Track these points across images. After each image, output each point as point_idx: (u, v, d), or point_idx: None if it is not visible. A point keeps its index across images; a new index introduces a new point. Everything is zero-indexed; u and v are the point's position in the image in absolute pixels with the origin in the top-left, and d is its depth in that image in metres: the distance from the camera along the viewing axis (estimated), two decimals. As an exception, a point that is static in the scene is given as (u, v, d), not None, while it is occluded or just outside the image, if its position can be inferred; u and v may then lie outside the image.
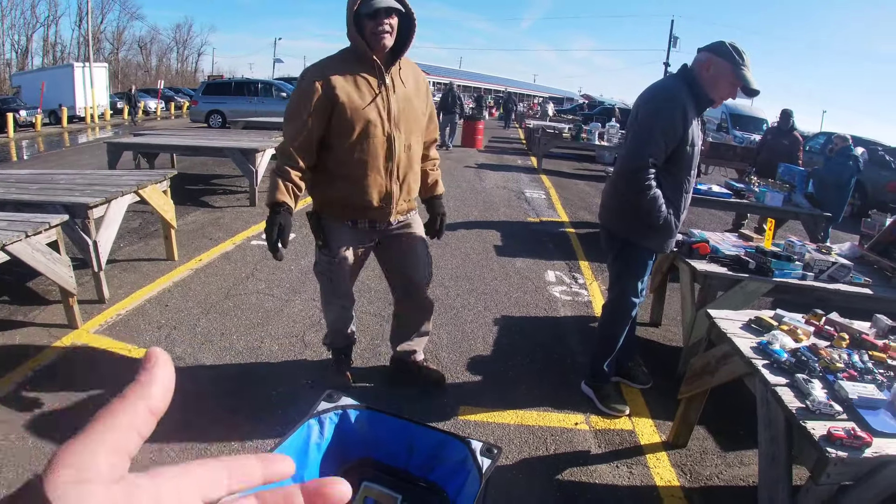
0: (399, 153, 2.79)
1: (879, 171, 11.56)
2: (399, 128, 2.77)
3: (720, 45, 2.87)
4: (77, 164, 10.83)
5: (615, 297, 3.35)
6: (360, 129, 2.69)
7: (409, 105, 2.81)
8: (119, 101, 26.38)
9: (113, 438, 0.33)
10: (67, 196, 4.06)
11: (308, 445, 1.63)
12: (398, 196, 2.88)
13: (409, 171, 2.89)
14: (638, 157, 2.87)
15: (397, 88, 2.76)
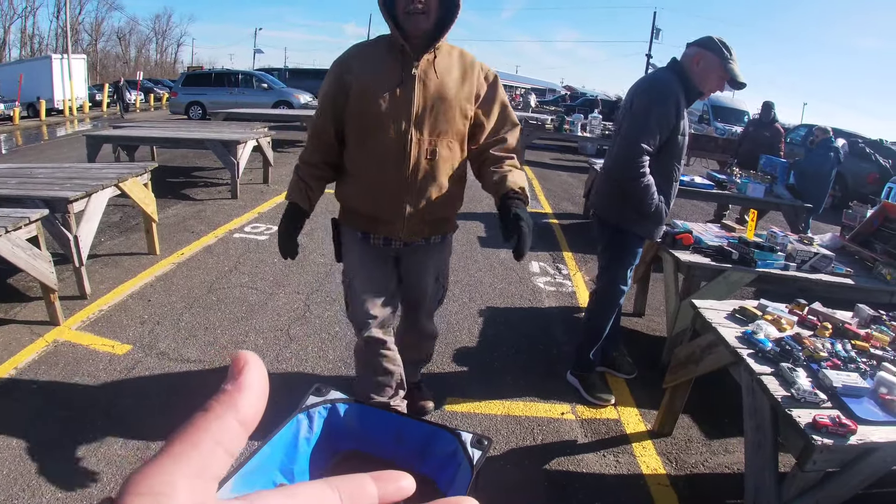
0: (415, 158, 2.25)
1: (859, 163, 11.68)
2: (421, 127, 2.23)
3: (709, 40, 2.98)
4: (56, 157, 10.68)
5: (604, 285, 3.38)
6: (371, 123, 2.26)
7: (441, 102, 2.23)
8: (98, 93, 26.03)
9: (195, 459, 0.28)
10: (47, 190, 4.00)
11: (297, 440, 1.62)
12: (412, 211, 2.32)
13: (431, 182, 2.30)
14: (634, 145, 2.93)
15: (429, 80, 2.23)
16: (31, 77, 21.36)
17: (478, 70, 2.33)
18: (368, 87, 2.23)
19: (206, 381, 3.26)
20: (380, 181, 2.31)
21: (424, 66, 2.22)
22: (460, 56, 2.33)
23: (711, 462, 3.00)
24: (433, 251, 2.58)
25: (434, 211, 2.37)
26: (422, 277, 2.62)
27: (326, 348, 3.74)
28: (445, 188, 2.35)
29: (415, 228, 2.38)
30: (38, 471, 2.54)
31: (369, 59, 2.27)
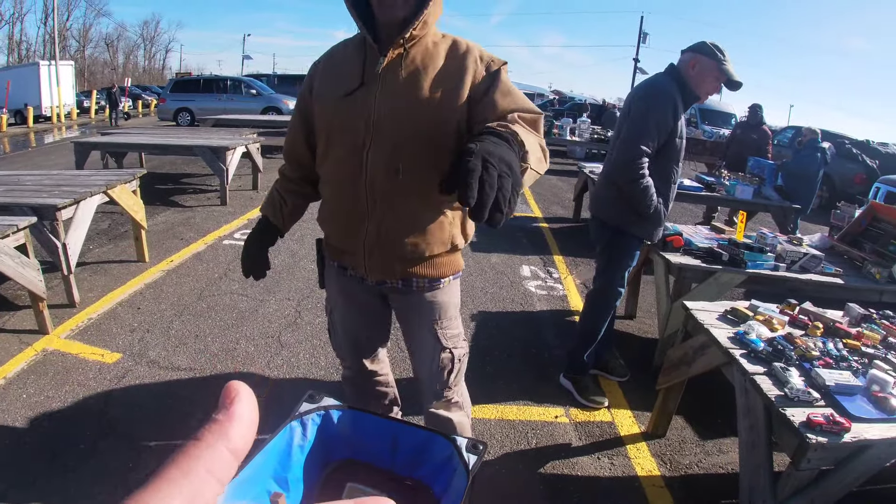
0: (372, 176, 1.75)
1: (846, 164, 11.76)
2: (382, 139, 1.73)
3: (702, 44, 3.06)
4: (44, 164, 10.61)
5: (601, 286, 3.42)
6: (329, 135, 1.85)
7: (409, 105, 1.71)
8: (86, 99, 25.88)
9: (188, 487, 0.29)
10: (35, 198, 3.97)
11: (291, 448, 1.60)
12: (374, 244, 1.83)
13: (396, 207, 1.79)
14: (633, 147, 2.98)
15: (395, 79, 1.72)
16: (19, 84, 21.23)
17: (473, 59, 1.74)
18: (326, 90, 1.85)
19: (196, 390, 3.24)
20: (338, 205, 1.90)
21: (391, 63, 1.73)
22: (451, 46, 1.78)
23: (706, 462, 3.00)
24: (421, 299, 1.98)
25: (403, 246, 1.83)
26: (412, 335, 2.10)
27: (318, 355, 3.73)
28: (419, 215, 1.81)
29: (382, 266, 1.89)
30: (27, 482, 2.52)
31: (335, 59, 1.89)
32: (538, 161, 1.41)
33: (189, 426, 2.90)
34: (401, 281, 1.92)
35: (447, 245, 1.89)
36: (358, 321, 2.15)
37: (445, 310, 2.01)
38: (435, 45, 1.77)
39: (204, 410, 3.05)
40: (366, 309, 2.10)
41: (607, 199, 3.26)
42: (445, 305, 2.01)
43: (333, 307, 2.18)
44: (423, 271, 1.91)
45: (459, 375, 2.11)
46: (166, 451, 2.09)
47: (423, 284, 1.94)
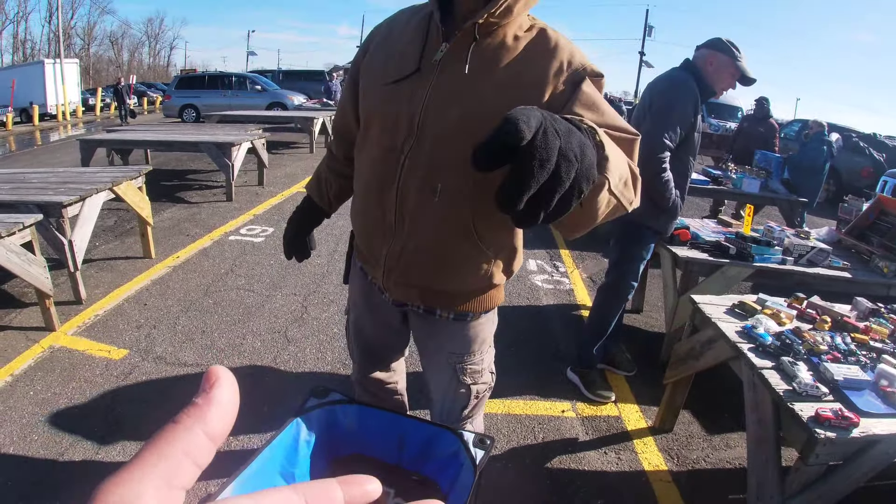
0: (405, 190, 1.44)
1: (853, 158, 11.70)
2: (424, 146, 1.39)
3: (718, 41, 3.11)
4: (50, 162, 10.64)
5: (614, 280, 3.44)
6: (367, 121, 1.54)
7: (460, 112, 1.33)
8: (91, 97, 25.92)
9: (164, 469, 0.29)
10: (41, 195, 3.97)
11: (297, 443, 1.60)
12: (392, 264, 1.55)
13: (424, 233, 1.47)
14: (657, 141, 2.99)
15: (454, 74, 1.35)
16: (24, 82, 21.26)
17: (560, 61, 1.33)
18: (375, 68, 1.52)
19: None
20: (365, 208, 1.61)
21: (454, 52, 1.36)
22: (536, 41, 1.37)
23: (713, 457, 2.99)
24: (444, 331, 1.70)
25: (422, 276, 1.56)
26: (429, 362, 1.82)
27: (325, 350, 3.73)
28: (451, 250, 1.49)
29: (400, 290, 1.63)
30: (34, 479, 2.52)
31: (395, 30, 1.53)
32: (623, 183, 1.00)
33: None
34: (422, 307, 1.66)
35: (481, 283, 1.59)
36: (374, 330, 1.91)
37: (470, 344, 1.72)
38: (517, 38, 1.37)
39: (211, 406, 3.05)
40: (384, 320, 1.84)
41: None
42: (472, 340, 1.72)
43: (352, 308, 1.95)
44: (449, 305, 1.63)
45: (477, 409, 1.87)
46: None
47: (446, 315, 1.66)
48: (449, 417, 1.82)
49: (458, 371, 1.73)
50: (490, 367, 1.84)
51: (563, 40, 1.38)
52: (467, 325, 1.68)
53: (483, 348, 1.77)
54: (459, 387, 1.76)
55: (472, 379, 1.76)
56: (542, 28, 1.40)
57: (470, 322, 1.68)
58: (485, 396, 1.87)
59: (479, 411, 1.90)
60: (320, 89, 20.95)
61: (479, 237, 1.46)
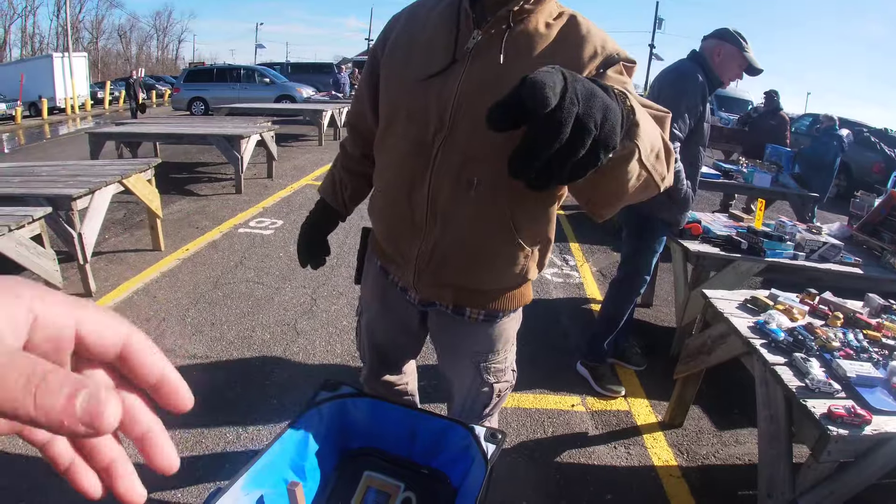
0: (438, 186, 1.39)
1: (865, 153, 11.61)
2: (459, 138, 1.34)
3: (726, 31, 3.12)
4: (59, 155, 10.67)
5: (627, 273, 3.44)
6: (389, 115, 1.48)
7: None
8: (100, 90, 25.97)
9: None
10: (50, 188, 3.98)
11: (308, 436, 1.60)
12: (425, 264, 1.50)
13: (459, 230, 1.42)
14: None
15: (488, 63, 1.31)
16: (33, 76, 21.34)
17: (593, 46, 1.29)
18: (396, 64, 1.46)
19: (213, 377, 3.25)
20: (390, 208, 1.53)
21: (488, 41, 1.32)
22: (567, 28, 1.33)
23: (723, 453, 2.98)
24: (472, 331, 1.65)
25: (456, 274, 1.51)
26: (452, 362, 1.79)
27: (334, 342, 3.73)
28: (489, 246, 1.45)
29: (429, 288, 1.57)
30: (45, 472, 2.53)
31: (417, 22, 1.47)
32: (655, 155, 0.94)
33: (206, 414, 2.91)
34: (452, 307, 1.60)
35: (516, 280, 1.55)
36: (389, 333, 1.86)
37: (495, 343, 1.69)
38: (548, 26, 1.33)
39: (221, 398, 3.06)
40: (401, 322, 1.78)
41: None
42: (497, 339, 1.68)
43: (364, 310, 1.89)
44: (482, 304, 1.59)
45: (497, 407, 1.84)
46: (184, 438, 2.08)
47: (476, 315, 1.61)
48: (470, 416, 1.80)
49: (482, 370, 1.70)
50: (512, 365, 1.80)
51: (594, 28, 1.35)
52: (494, 325, 1.64)
53: (507, 347, 1.73)
54: (483, 385, 1.73)
55: (495, 378, 1.74)
56: (572, 15, 1.37)
57: (498, 321, 1.64)
58: (506, 394, 1.83)
59: (499, 409, 1.88)
60: (329, 82, 20.96)
61: (518, 230, 1.42)
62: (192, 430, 2.81)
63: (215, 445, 2.72)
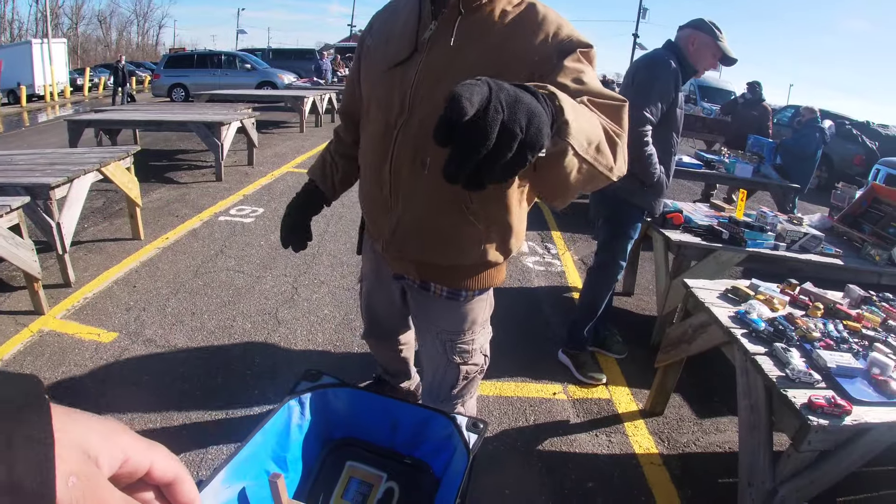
0: (398, 165, 1.52)
1: (846, 145, 11.72)
2: (410, 120, 1.47)
3: (701, 22, 3.16)
4: (38, 143, 10.52)
5: (604, 260, 3.46)
6: (367, 102, 1.63)
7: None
8: (79, 77, 25.59)
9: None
10: (28, 177, 3.91)
11: (289, 427, 1.59)
12: (390, 238, 1.65)
13: (417, 208, 1.56)
14: (638, 114, 2.99)
15: (441, 49, 1.42)
16: (12, 63, 20.96)
17: (546, 32, 1.36)
18: (372, 54, 1.61)
19: (194, 368, 3.23)
20: (368, 187, 1.70)
21: (442, 30, 1.42)
22: (524, 15, 1.40)
23: (703, 441, 3.01)
24: (437, 307, 1.78)
25: (416, 249, 1.64)
26: (423, 339, 1.92)
27: (315, 331, 3.71)
28: (443, 223, 1.56)
29: (398, 263, 1.75)
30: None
31: (392, 15, 1.61)
32: (595, 148, 0.97)
33: (187, 405, 2.89)
34: (418, 282, 1.75)
35: (476, 259, 1.63)
36: (382, 303, 2.07)
37: (462, 322, 1.78)
38: (504, 12, 1.41)
39: (202, 388, 3.04)
40: (389, 296, 1.98)
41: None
42: (463, 319, 1.78)
43: (364, 277, 2.13)
44: (441, 280, 1.70)
45: (466, 390, 1.94)
46: (165, 430, 2.06)
47: (440, 291, 1.73)
48: (438, 394, 1.90)
49: (448, 349, 1.80)
50: (483, 349, 1.89)
51: (551, 14, 1.40)
52: (460, 304, 1.74)
53: (475, 329, 1.81)
54: (448, 364, 1.82)
55: (461, 358, 1.82)
56: (531, 3, 1.42)
57: (463, 301, 1.73)
58: (476, 378, 1.93)
59: (470, 393, 1.97)
60: (311, 68, 20.81)
61: (470, 210, 1.51)
62: (172, 421, 2.79)
63: (196, 436, 2.69)
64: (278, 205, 6.55)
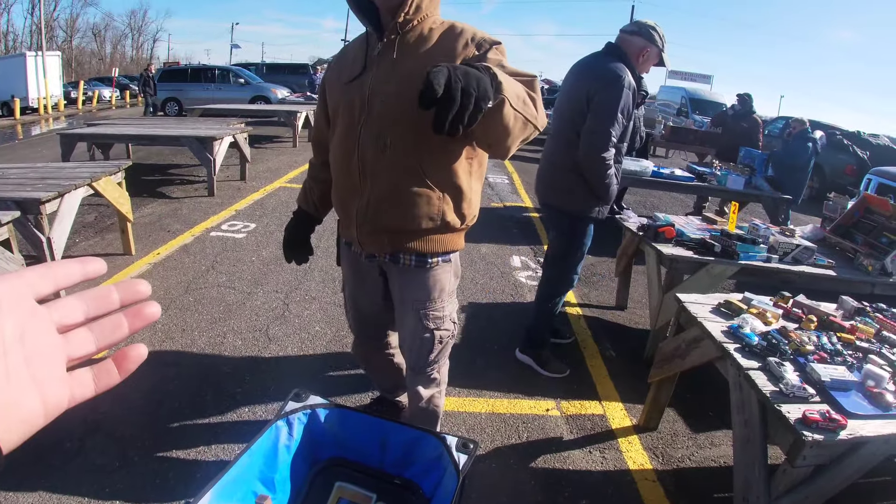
0: (364, 151, 1.87)
1: (837, 155, 11.76)
2: (371, 114, 1.85)
3: (650, 32, 3.21)
4: (31, 156, 10.49)
5: (559, 273, 3.55)
6: (334, 114, 2.02)
7: (398, 82, 1.80)
8: (73, 90, 25.57)
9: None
10: (18, 191, 3.89)
11: (277, 448, 1.57)
12: (363, 216, 1.95)
13: (382, 179, 1.88)
14: (606, 139, 3.07)
15: (385, 61, 1.85)
16: (6, 75, 20.95)
17: (465, 40, 1.80)
18: (332, 79, 2.05)
19: (184, 385, 3.19)
20: (338, 180, 2.04)
21: (386, 46, 1.85)
22: (447, 30, 1.85)
23: (698, 456, 2.99)
24: (408, 278, 2.08)
25: (387, 218, 1.92)
26: (401, 313, 2.19)
27: (307, 348, 3.68)
28: (405, 189, 1.86)
29: (371, 239, 1.99)
30: (13, 483, 2.46)
31: (347, 50, 2.07)
32: (522, 102, 1.44)
33: (176, 423, 2.86)
34: (389, 255, 2.03)
35: (436, 221, 1.93)
36: (366, 299, 2.31)
37: (431, 290, 2.09)
38: (431, 30, 1.85)
39: (191, 406, 3.01)
40: (373, 288, 2.23)
41: (566, 187, 3.31)
42: (432, 286, 2.09)
43: (345, 283, 2.38)
44: (411, 246, 1.98)
45: (441, 354, 2.23)
46: (154, 448, 2.03)
47: (409, 261, 2.02)
48: (418, 362, 2.20)
49: (421, 317, 2.09)
50: (452, 316, 2.19)
51: (467, 27, 1.86)
52: (427, 272, 2.05)
53: (443, 296, 2.12)
54: (424, 331, 2.11)
55: (434, 325, 2.12)
56: (451, 22, 1.88)
57: (429, 269, 2.05)
58: (448, 343, 2.22)
59: (444, 359, 2.28)
60: (304, 82, 20.85)
61: (427, 175, 1.86)
62: (161, 439, 2.75)
63: (185, 456, 2.66)
64: (270, 220, 6.53)
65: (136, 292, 0.52)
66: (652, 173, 6.50)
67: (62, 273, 0.48)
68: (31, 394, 0.42)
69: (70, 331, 0.48)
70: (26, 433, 0.42)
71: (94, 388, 0.49)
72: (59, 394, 0.45)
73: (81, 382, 0.48)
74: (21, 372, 0.42)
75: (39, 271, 0.46)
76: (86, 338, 0.49)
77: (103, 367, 0.50)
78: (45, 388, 0.43)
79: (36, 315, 0.45)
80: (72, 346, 0.47)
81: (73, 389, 0.47)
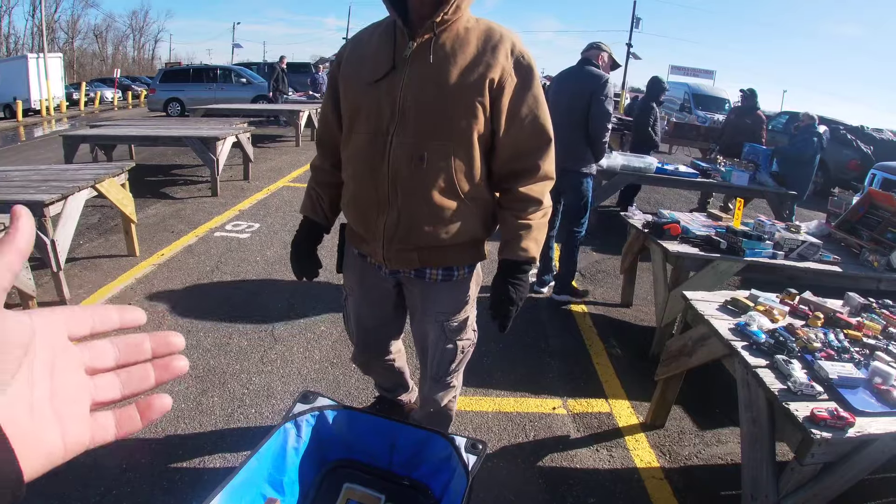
0: (396, 163, 1.74)
1: (841, 150, 11.73)
2: (406, 124, 1.71)
3: (600, 45, 4.54)
4: (34, 158, 10.50)
5: (578, 224, 4.57)
6: (352, 117, 1.84)
7: (436, 91, 1.69)
8: (75, 92, 25.58)
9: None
10: (22, 194, 3.89)
11: (285, 450, 1.56)
12: (392, 233, 1.84)
13: (417, 197, 1.76)
14: (609, 116, 4.33)
15: (422, 64, 1.70)
16: (7, 77, 20.97)
17: (504, 50, 1.72)
18: (351, 75, 1.84)
19: (190, 387, 3.19)
20: (359, 191, 1.87)
21: (420, 47, 1.70)
22: (485, 32, 1.75)
23: (705, 453, 2.98)
24: (433, 291, 2.00)
25: (421, 236, 1.82)
26: (421, 324, 2.10)
27: (312, 348, 3.68)
28: (438, 206, 1.77)
29: (399, 256, 1.89)
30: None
31: (362, 43, 1.87)
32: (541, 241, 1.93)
33: (182, 425, 2.86)
34: (414, 272, 1.96)
35: (467, 235, 1.90)
36: (372, 312, 2.22)
37: (455, 302, 2.05)
38: (467, 30, 1.74)
39: (198, 408, 3.01)
40: (382, 300, 2.16)
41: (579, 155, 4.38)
42: (457, 298, 2.05)
43: (349, 294, 2.24)
44: (440, 261, 1.93)
45: (462, 363, 2.19)
46: (161, 451, 2.03)
47: (436, 275, 1.97)
48: (438, 372, 2.13)
49: (445, 329, 2.05)
50: (473, 324, 2.17)
51: (505, 32, 1.77)
52: (453, 284, 2.01)
53: (466, 308, 2.09)
54: (447, 343, 2.07)
55: (457, 336, 2.09)
56: (487, 23, 1.79)
57: (456, 280, 2.00)
58: (469, 352, 2.19)
59: (463, 367, 2.23)
60: (306, 81, 20.83)
61: (462, 190, 1.79)
62: (168, 441, 2.75)
63: (192, 458, 2.66)
64: (274, 220, 6.53)
65: (168, 344, 0.53)
66: (656, 170, 6.49)
67: (100, 317, 0.49)
68: (53, 428, 0.43)
69: (98, 374, 0.49)
70: (45, 466, 0.42)
71: (115, 432, 0.50)
72: (80, 433, 0.46)
73: (103, 426, 0.49)
74: (45, 406, 0.42)
75: (78, 312, 0.47)
76: (112, 383, 0.50)
77: (126, 412, 0.51)
78: (67, 425, 0.44)
79: (67, 353, 0.46)
80: (98, 390, 0.48)
81: (94, 431, 0.47)
